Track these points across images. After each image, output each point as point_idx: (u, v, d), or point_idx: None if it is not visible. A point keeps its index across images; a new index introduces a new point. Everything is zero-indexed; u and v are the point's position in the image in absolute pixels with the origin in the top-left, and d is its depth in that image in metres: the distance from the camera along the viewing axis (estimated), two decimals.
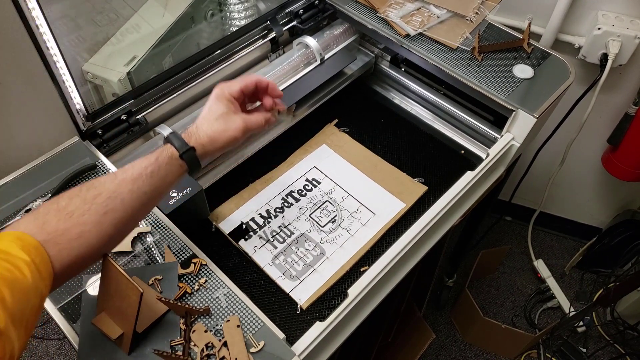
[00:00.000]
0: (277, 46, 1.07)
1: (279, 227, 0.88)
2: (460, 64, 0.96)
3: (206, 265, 0.70)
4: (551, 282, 1.74)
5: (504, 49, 0.99)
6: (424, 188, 0.94)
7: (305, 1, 1.07)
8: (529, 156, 1.44)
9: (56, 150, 0.82)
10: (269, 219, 0.89)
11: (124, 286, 0.58)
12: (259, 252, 0.85)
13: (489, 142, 1.01)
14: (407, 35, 1.00)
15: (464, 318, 1.66)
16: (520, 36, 1.00)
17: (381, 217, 0.90)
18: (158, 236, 0.73)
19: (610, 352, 1.62)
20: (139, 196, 0.56)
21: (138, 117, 0.88)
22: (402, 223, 0.90)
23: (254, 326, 0.65)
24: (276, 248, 0.85)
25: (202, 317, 0.65)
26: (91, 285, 0.68)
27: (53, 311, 0.67)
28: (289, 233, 0.87)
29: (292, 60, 1.00)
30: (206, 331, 0.64)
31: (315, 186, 0.95)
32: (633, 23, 1.19)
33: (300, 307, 0.78)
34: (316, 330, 0.68)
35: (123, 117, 0.85)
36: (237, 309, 0.66)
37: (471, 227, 1.42)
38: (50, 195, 0.75)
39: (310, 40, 1.01)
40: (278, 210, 0.91)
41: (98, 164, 0.80)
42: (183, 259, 0.71)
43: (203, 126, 0.63)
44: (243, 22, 1.03)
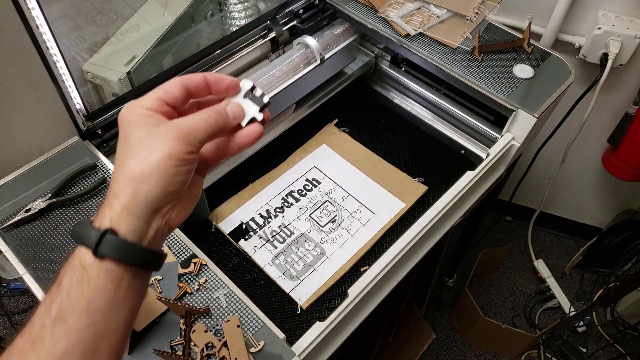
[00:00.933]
0: (277, 46, 1.07)
1: (279, 227, 0.88)
2: (460, 64, 0.96)
3: (206, 265, 0.70)
4: (551, 282, 1.74)
5: (504, 49, 0.99)
6: (424, 188, 0.94)
7: (305, 1, 1.07)
8: (529, 156, 1.44)
9: (56, 150, 0.82)
10: (269, 219, 0.89)
11: None
12: (259, 252, 0.85)
13: (489, 142, 1.01)
14: (407, 35, 1.00)
15: (464, 318, 1.65)
16: (520, 36, 1.00)
17: (381, 217, 0.90)
18: None
19: (610, 352, 1.61)
20: None
21: None
22: (402, 223, 0.90)
23: (254, 326, 0.65)
24: (276, 248, 0.85)
25: (202, 317, 0.65)
26: None
27: None
28: (289, 233, 0.87)
29: (292, 60, 1.00)
30: (206, 331, 0.64)
31: (315, 186, 0.94)
32: (633, 23, 1.19)
33: (300, 307, 0.78)
34: (316, 330, 0.68)
35: None
36: (237, 309, 0.66)
37: (471, 227, 1.42)
38: (50, 195, 0.75)
39: (310, 40, 1.01)
40: (278, 210, 0.91)
41: (98, 164, 0.80)
42: (183, 259, 0.71)
43: (117, 178, 0.38)
44: (243, 22, 1.03)
